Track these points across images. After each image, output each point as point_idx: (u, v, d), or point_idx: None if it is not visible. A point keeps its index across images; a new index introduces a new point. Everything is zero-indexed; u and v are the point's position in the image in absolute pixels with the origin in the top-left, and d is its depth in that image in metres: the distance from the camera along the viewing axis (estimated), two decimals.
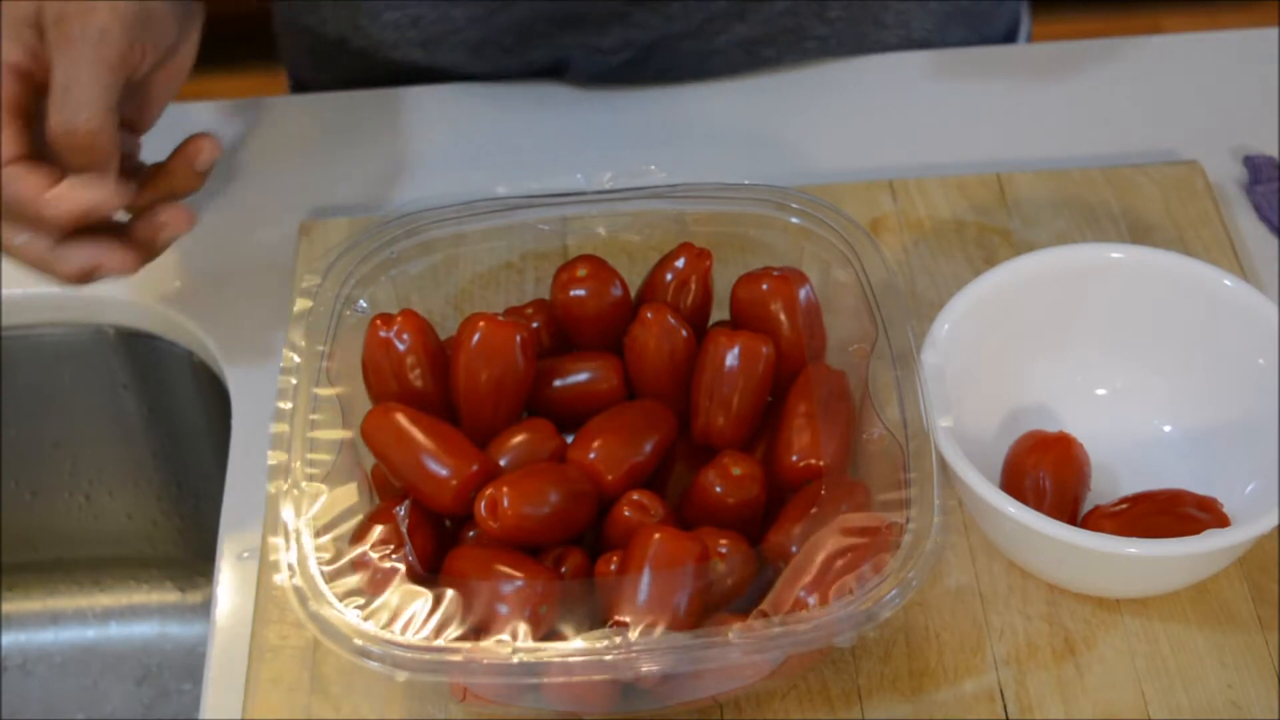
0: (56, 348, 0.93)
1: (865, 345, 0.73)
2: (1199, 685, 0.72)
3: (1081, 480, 0.76)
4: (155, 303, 0.90)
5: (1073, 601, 0.74)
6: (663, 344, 0.74)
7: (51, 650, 1.04)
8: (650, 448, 0.73)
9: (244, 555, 0.79)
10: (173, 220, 0.77)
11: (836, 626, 0.63)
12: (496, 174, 0.89)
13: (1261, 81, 0.97)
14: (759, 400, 0.74)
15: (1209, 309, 0.78)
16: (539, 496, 0.68)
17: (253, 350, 0.86)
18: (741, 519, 0.71)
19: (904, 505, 0.67)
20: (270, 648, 0.74)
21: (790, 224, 0.77)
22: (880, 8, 0.98)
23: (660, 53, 0.96)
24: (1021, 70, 0.99)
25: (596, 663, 0.63)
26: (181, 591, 1.06)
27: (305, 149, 0.97)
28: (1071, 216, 0.89)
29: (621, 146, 0.95)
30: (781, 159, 0.94)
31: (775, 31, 0.97)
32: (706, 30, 0.96)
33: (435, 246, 0.77)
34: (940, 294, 0.84)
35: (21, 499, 1.01)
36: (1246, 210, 0.91)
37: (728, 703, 0.72)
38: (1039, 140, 0.95)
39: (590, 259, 0.76)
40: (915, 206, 0.90)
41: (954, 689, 0.72)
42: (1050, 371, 0.81)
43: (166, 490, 1.02)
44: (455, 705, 0.72)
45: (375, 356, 0.73)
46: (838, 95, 0.98)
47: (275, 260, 0.90)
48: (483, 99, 0.98)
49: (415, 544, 0.68)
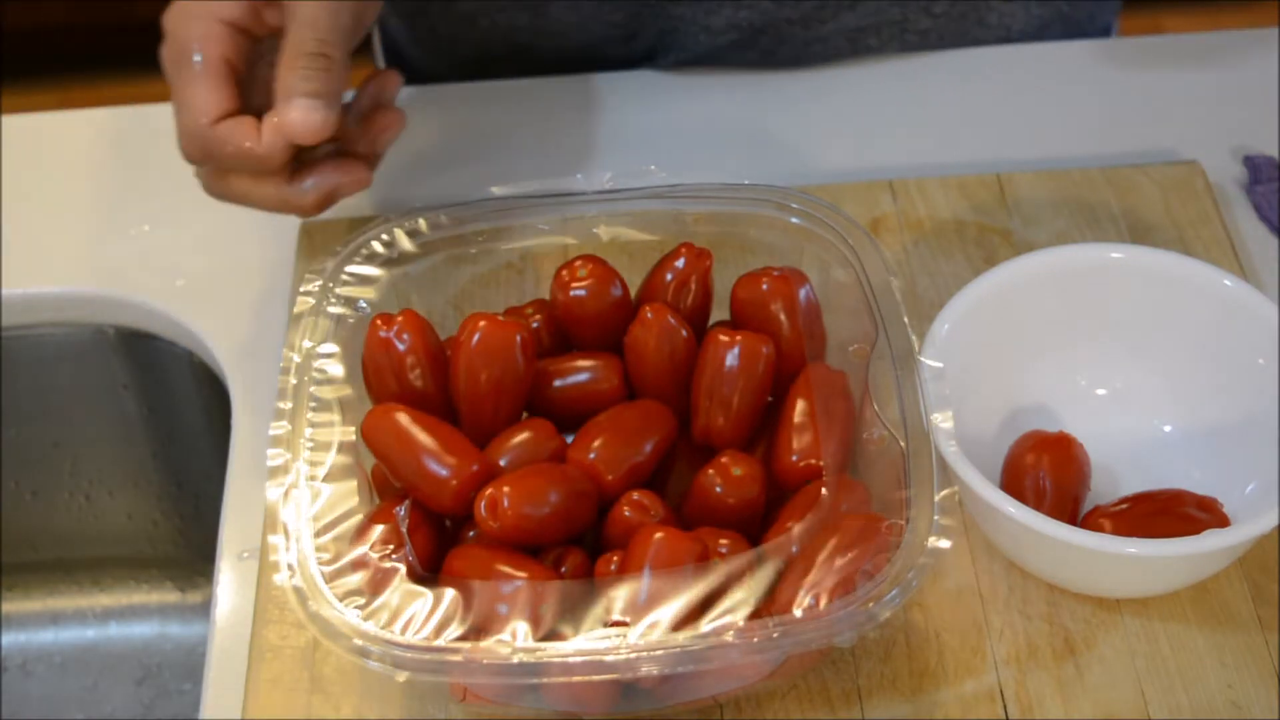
0: (56, 348, 0.93)
1: (865, 345, 0.73)
2: (1199, 685, 0.72)
3: (1081, 480, 0.76)
4: (155, 303, 0.90)
5: (1073, 601, 0.74)
6: (663, 344, 0.74)
7: (51, 650, 1.04)
8: (650, 448, 0.73)
9: (244, 555, 0.79)
10: (389, 123, 0.80)
11: (836, 626, 0.63)
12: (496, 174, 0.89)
13: (1261, 81, 0.97)
14: (759, 400, 0.74)
15: (1209, 309, 0.78)
16: (539, 496, 0.68)
17: (253, 350, 0.86)
18: (741, 519, 0.71)
19: (904, 505, 0.67)
20: (270, 648, 0.74)
21: (790, 224, 0.77)
22: (985, 7, 0.99)
23: (767, 36, 0.97)
24: (1022, 70, 0.99)
25: (596, 663, 0.63)
26: (181, 591, 1.06)
27: None
28: (1071, 216, 0.89)
29: (621, 146, 0.95)
30: (781, 159, 0.94)
31: (880, 22, 0.98)
32: (815, 18, 0.96)
33: (435, 246, 0.77)
34: (940, 294, 0.84)
35: (21, 499, 1.01)
36: (1246, 210, 0.91)
37: (728, 703, 0.72)
38: (1039, 140, 0.95)
39: (590, 259, 0.76)
40: (915, 206, 0.90)
41: (954, 689, 0.72)
42: (1050, 371, 0.81)
43: (166, 490, 1.02)
44: (455, 705, 0.72)
45: (375, 356, 0.73)
46: (838, 95, 0.98)
47: (275, 260, 0.90)
48: (483, 99, 0.98)
49: (415, 544, 0.68)
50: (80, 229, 0.93)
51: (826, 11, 0.97)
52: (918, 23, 0.99)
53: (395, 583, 0.65)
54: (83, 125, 1.00)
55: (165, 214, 0.94)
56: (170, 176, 0.96)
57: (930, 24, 0.99)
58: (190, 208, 0.94)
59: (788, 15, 0.97)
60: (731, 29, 0.97)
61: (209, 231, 0.92)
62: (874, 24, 0.98)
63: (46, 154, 0.98)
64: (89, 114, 1.01)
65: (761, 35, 0.97)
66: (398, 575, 0.66)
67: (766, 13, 0.96)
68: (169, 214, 0.94)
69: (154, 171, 0.96)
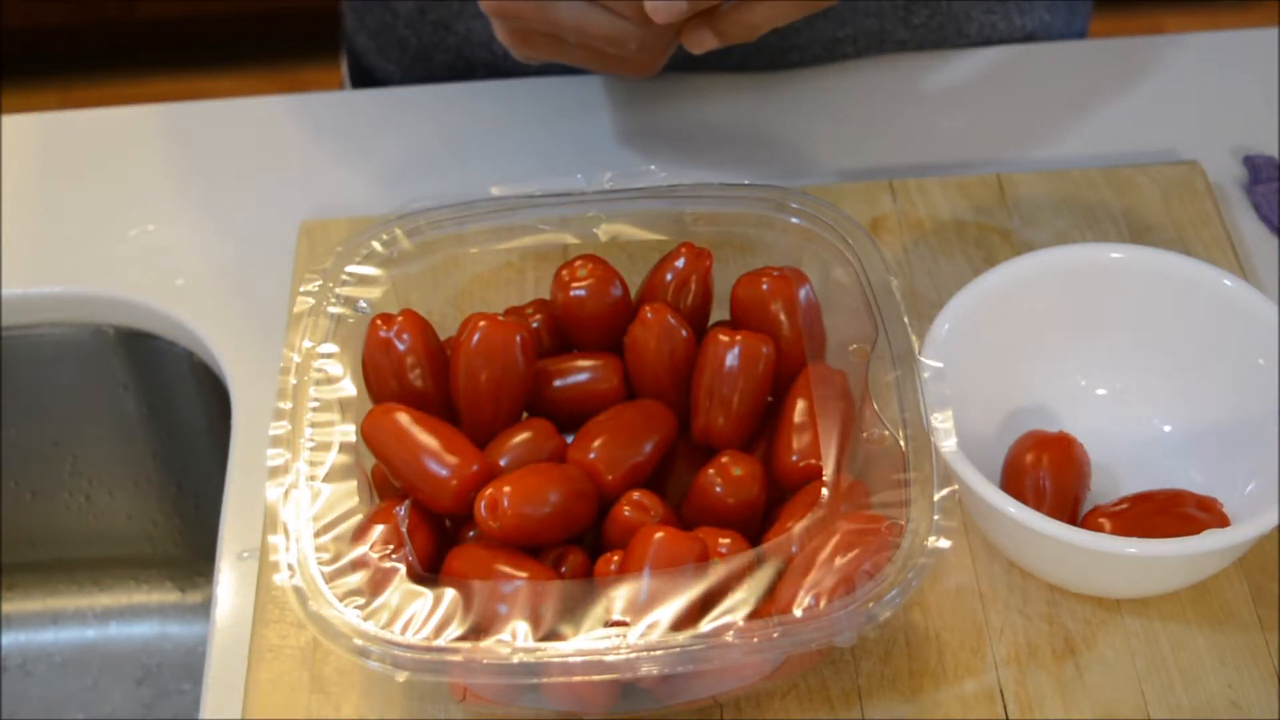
0: (56, 348, 0.93)
1: (865, 345, 0.73)
2: (1199, 685, 0.72)
3: (1081, 480, 0.76)
4: (155, 303, 0.90)
5: (1073, 601, 0.74)
6: (663, 344, 0.74)
7: (51, 650, 1.04)
8: (650, 448, 0.73)
9: (244, 555, 0.79)
10: None
11: (836, 626, 0.63)
12: (496, 174, 0.89)
13: (1261, 81, 0.97)
14: (759, 400, 0.74)
15: (1209, 309, 0.78)
16: (539, 496, 0.68)
17: (253, 350, 0.86)
18: (741, 519, 0.71)
19: (904, 505, 0.67)
20: (270, 648, 0.74)
21: (790, 224, 0.77)
22: (965, 18, 0.99)
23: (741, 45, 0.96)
24: (1022, 70, 0.99)
25: (596, 663, 0.63)
26: (181, 591, 1.06)
27: (305, 149, 0.97)
28: (1071, 216, 0.89)
29: (621, 146, 0.95)
30: (781, 159, 0.94)
31: (858, 33, 0.98)
32: (791, 28, 0.96)
33: (435, 246, 0.77)
34: (940, 294, 0.84)
35: (21, 499, 1.01)
36: (1246, 210, 0.91)
37: (728, 703, 0.72)
38: (1039, 140, 0.95)
39: (590, 259, 0.76)
40: (915, 206, 0.90)
41: (954, 689, 0.72)
42: (1050, 371, 0.81)
43: (166, 490, 1.02)
44: (455, 705, 0.72)
45: (375, 356, 0.73)
46: (838, 95, 0.98)
47: (275, 260, 0.90)
48: (483, 99, 0.98)
49: (415, 544, 0.68)
50: (80, 229, 0.93)
51: (801, 21, 0.96)
52: (895, 33, 0.99)
53: (395, 583, 0.65)
54: (83, 125, 1.00)
55: (165, 214, 0.94)
56: (170, 176, 0.96)
57: (908, 35, 0.99)
58: (190, 208, 0.94)
59: None
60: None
61: (209, 231, 0.93)
62: (851, 34, 0.98)
63: (46, 154, 0.98)
64: (89, 114, 1.01)
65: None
66: (398, 575, 0.66)
67: None
68: (169, 214, 0.94)
69: (154, 171, 0.96)
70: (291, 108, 1.00)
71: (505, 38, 0.79)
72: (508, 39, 0.79)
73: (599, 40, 0.76)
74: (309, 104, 1.01)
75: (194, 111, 1.00)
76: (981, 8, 1.00)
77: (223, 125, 0.99)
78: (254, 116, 1.00)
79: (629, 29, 0.75)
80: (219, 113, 1.00)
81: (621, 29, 0.75)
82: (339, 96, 1.02)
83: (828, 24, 0.97)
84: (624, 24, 0.75)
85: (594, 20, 0.76)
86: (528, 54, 0.80)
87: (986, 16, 1.00)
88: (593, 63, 0.79)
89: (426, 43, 1.02)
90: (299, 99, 1.04)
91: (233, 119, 1.00)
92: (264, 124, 0.99)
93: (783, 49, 0.98)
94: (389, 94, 1.02)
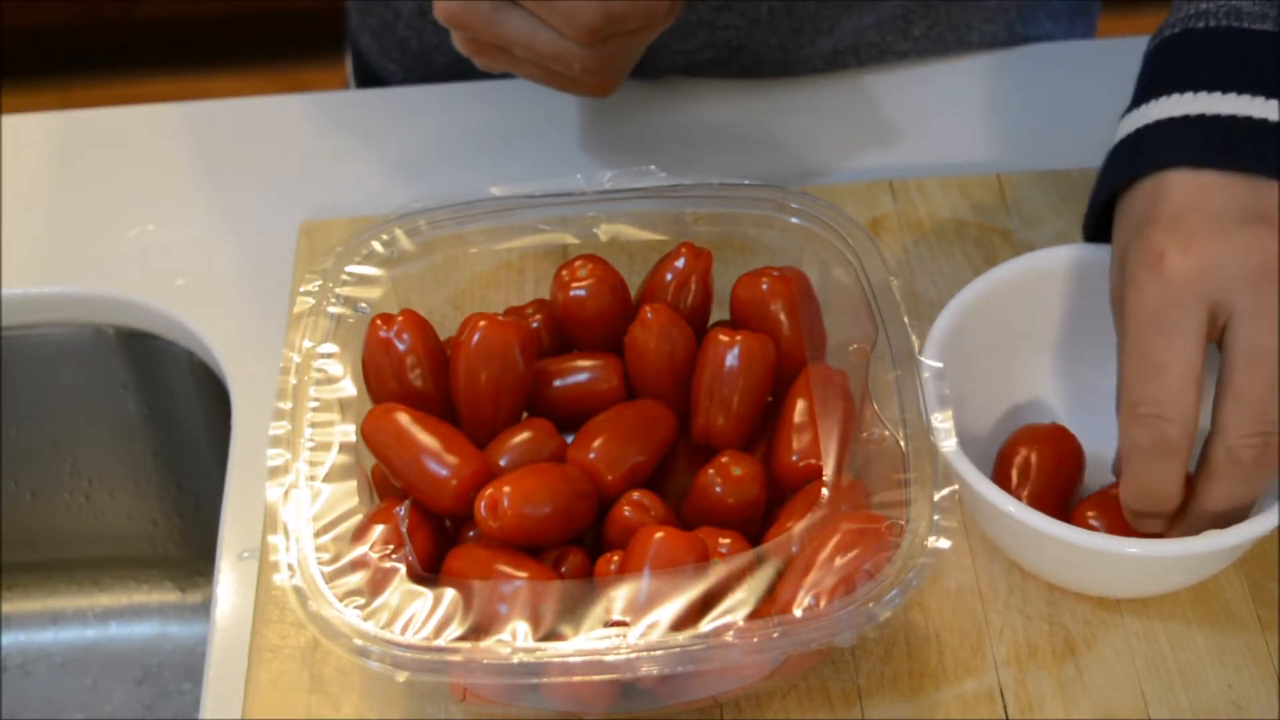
0: (56, 348, 0.93)
1: (865, 345, 0.73)
2: (1199, 685, 0.72)
3: (1072, 463, 0.76)
4: (155, 303, 0.90)
5: (1073, 601, 0.74)
6: (663, 344, 0.74)
7: (51, 650, 1.04)
8: (650, 448, 0.73)
9: (244, 555, 0.79)
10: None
11: (836, 626, 0.63)
12: (496, 174, 0.89)
13: None
14: (759, 400, 0.74)
15: None
16: (539, 496, 0.68)
17: (253, 350, 0.86)
18: (741, 519, 0.71)
19: (904, 505, 0.67)
20: (270, 648, 0.74)
21: (790, 224, 0.77)
22: (966, 28, 0.99)
23: (744, 55, 0.97)
24: (1021, 70, 0.99)
25: (596, 663, 0.63)
26: (181, 591, 1.06)
27: (305, 149, 0.97)
28: (1071, 216, 0.89)
29: (621, 146, 0.95)
30: (781, 159, 0.94)
31: (859, 44, 0.98)
32: (793, 42, 0.96)
33: (435, 246, 0.77)
34: (940, 294, 0.84)
35: (21, 499, 1.01)
36: None
37: (728, 703, 0.72)
38: (1039, 140, 0.95)
39: (590, 259, 0.76)
40: (915, 206, 0.90)
41: (954, 689, 0.72)
42: (1050, 371, 0.81)
43: (166, 490, 1.02)
44: (455, 705, 0.72)
45: (375, 356, 0.73)
46: (838, 95, 0.98)
47: (275, 260, 0.90)
48: (483, 99, 0.98)
49: (415, 544, 0.68)
50: (80, 229, 0.93)
51: (804, 36, 0.96)
52: (897, 45, 0.99)
53: (395, 583, 0.65)
54: (83, 125, 1.00)
55: (165, 214, 0.94)
56: (170, 176, 0.96)
57: (909, 47, 0.99)
58: (190, 208, 0.94)
59: (766, 39, 0.96)
60: (708, 47, 0.97)
61: (209, 231, 0.93)
62: (852, 46, 0.98)
63: (46, 154, 0.98)
64: (89, 114, 1.01)
65: (739, 53, 0.97)
66: (398, 575, 0.66)
67: (744, 34, 0.96)
68: (169, 214, 0.94)
69: (154, 171, 0.96)
70: (291, 108, 1.00)
71: (462, 47, 0.79)
72: (464, 49, 0.79)
73: (544, 58, 0.76)
74: (309, 104, 1.01)
75: (194, 111, 1.00)
76: (983, 17, 1.00)
77: (223, 125, 0.99)
78: (254, 116, 1.00)
79: (572, 49, 0.75)
80: (219, 113, 1.00)
81: (565, 48, 0.75)
82: (339, 96, 1.02)
83: (829, 39, 0.97)
84: (567, 44, 0.75)
85: (539, 38, 0.76)
86: (485, 64, 0.80)
87: (988, 26, 1.00)
88: (543, 79, 0.79)
89: (428, 43, 1.02)
90: (299, 99, 1.04)
91: (233, 119, 1.00)
92: (264, 124, 0.99)
93: (785, 62, 0.98)
94: (389, 94, 1.02)
